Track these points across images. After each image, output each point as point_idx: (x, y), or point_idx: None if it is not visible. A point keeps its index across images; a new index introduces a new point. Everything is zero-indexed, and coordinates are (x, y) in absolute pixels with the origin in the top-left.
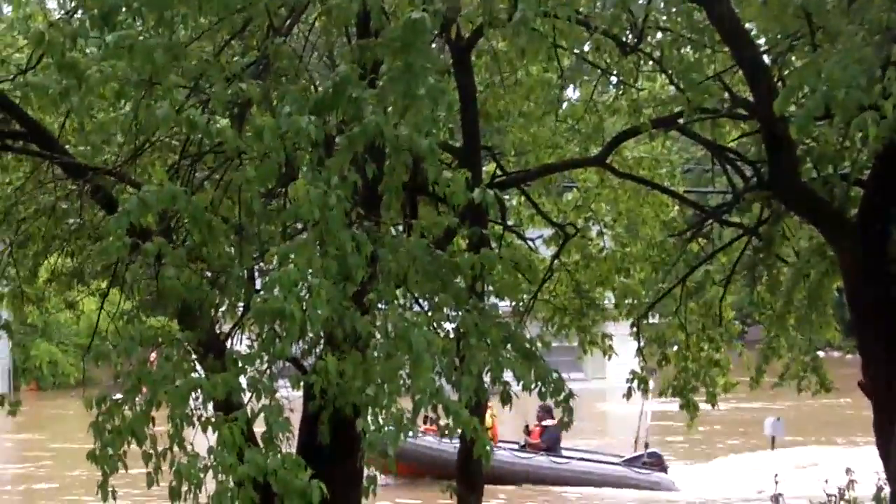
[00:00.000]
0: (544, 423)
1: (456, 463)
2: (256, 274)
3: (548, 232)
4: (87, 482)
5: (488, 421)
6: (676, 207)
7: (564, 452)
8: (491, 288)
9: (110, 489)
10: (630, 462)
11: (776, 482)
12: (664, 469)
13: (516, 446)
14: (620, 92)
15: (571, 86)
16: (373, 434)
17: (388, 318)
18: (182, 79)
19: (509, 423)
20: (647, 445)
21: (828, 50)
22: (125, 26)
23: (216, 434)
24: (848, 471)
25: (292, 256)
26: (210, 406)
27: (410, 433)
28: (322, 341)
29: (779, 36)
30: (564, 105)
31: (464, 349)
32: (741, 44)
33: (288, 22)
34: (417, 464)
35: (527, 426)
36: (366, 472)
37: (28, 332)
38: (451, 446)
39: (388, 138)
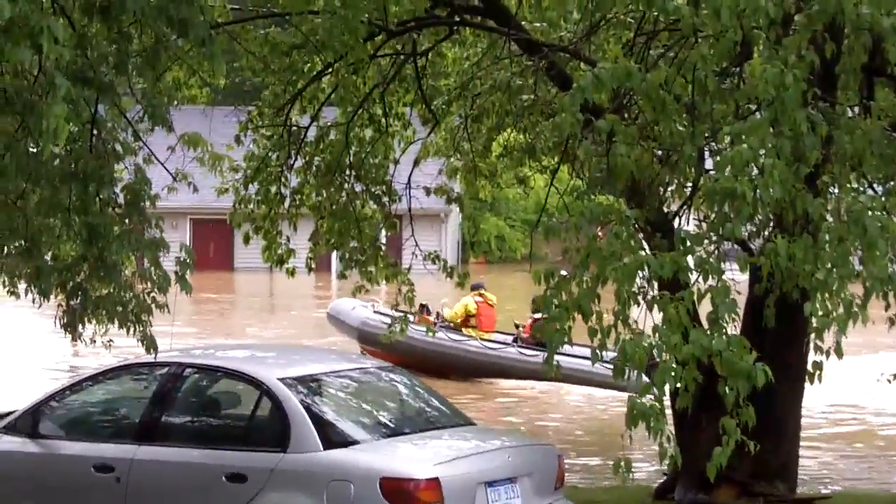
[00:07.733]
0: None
1: None
2: (707, 153)
3: None
4: None
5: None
6: None
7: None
8: None
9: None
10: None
11: None
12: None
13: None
14: None
15: None
16: (821, 319)
17: (842, 202)
18: None
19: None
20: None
21: None
22: None
23: (661, 313)
24: None
25: (745, 136)
26: (656, 285)
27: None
28: (772, 223)
29: None
30: None
31: None
32: None
33: None
34: (403, 355)
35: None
36: (811, 357)
37: (479, 206)
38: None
39: (848, 17)
